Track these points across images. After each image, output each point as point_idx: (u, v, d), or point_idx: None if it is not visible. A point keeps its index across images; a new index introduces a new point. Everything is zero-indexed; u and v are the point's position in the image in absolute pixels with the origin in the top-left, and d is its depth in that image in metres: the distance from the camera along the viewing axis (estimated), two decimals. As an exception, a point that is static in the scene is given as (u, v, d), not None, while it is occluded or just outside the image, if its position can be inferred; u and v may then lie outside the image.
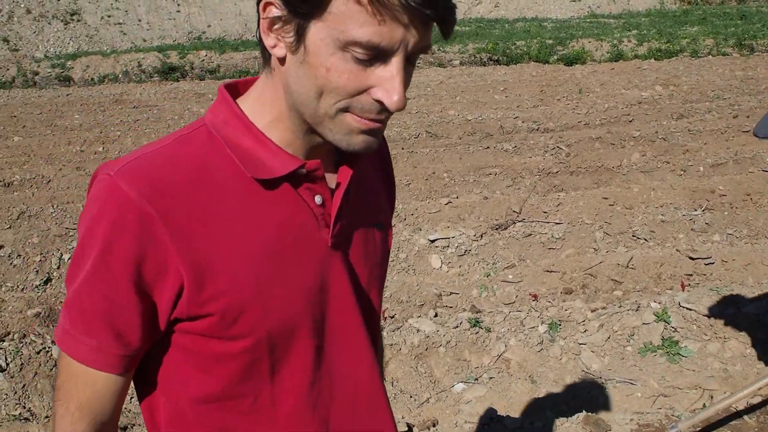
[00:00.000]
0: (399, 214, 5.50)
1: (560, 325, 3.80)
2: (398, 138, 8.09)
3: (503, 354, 3.66)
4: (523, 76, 12.24)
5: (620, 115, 8.83)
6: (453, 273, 4.87)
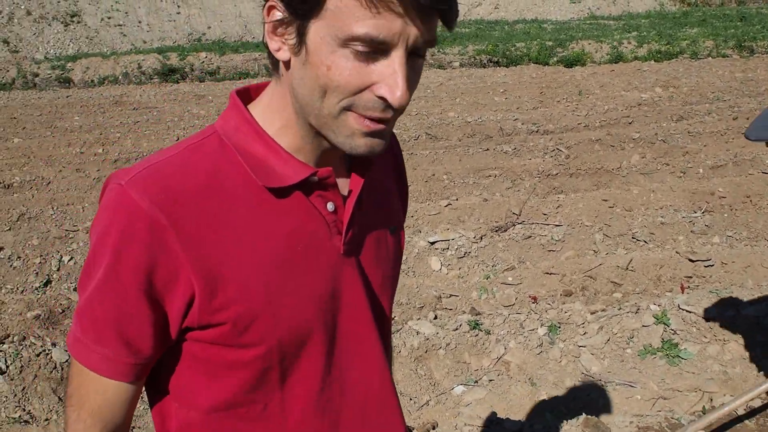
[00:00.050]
0: (399, 216, 5.49)
1: (560, 328, 3.80)
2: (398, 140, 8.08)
3: (503, 356, 3.66)
4: (523, 78, 12.23)
5: (620, 117, 8.83)
6: (452, 275, 4.87)
